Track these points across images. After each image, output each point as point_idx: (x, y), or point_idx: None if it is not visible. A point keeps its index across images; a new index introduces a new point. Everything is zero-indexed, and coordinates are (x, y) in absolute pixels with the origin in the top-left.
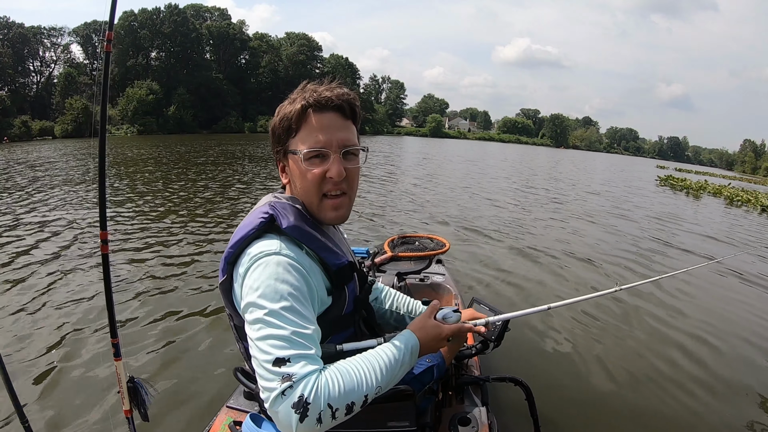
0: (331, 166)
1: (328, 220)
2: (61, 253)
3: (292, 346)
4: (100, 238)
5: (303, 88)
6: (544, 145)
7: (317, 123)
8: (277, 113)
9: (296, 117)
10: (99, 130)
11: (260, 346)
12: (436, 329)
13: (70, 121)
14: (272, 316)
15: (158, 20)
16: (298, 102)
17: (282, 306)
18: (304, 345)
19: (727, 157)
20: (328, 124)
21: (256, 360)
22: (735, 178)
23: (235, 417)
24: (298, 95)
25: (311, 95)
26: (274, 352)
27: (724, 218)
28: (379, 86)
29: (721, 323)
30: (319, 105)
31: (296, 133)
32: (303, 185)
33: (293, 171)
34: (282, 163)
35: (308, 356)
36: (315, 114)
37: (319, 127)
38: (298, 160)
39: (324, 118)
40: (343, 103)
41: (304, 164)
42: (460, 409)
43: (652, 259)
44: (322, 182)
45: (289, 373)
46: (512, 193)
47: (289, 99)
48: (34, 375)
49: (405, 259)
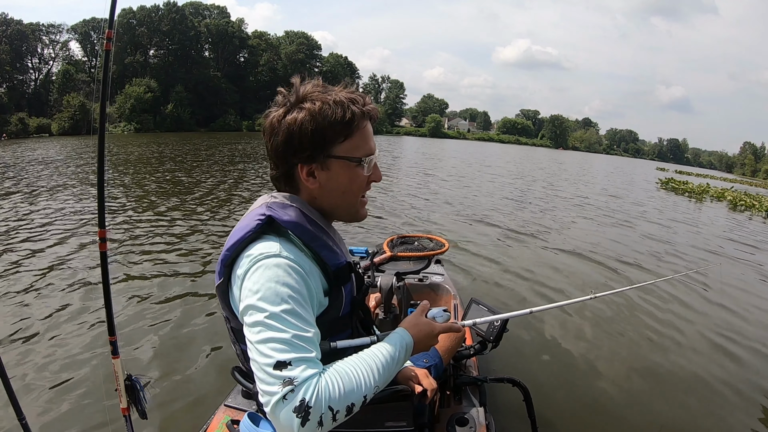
0: (375, 170)
1: (362, 217)
2: (60, 251)
3: (293, 349)
4: (99, 236)
5: (332, 92)
6: (543, 146)
7: (367, 131)
8: (315, 115)
9: (353, 123)
10: (98, 128)
11: (260, 349)
12: (428, 326)
13: (68, 118)
14: (273, 319)
15: (157, 18)
16: (352, 108)
17: (283, 309)
18: (304, 348)
19: (726, 159)
20: (371, 133)
21: (256, 363)
22: (735, 181)
23: (233, 416)
24: (339, 99)
25: (364, 105)
26: (275, 356)
27: (729, 223)
28: (379, 86)
29: (722, 325)
30: (370, 114)
31: (346, 138)
32: (349, 189)
33: (336, 175)
34: (309, 167)
35: (309, 359)
36: (368, 123)
37: (369, 136)
38: (350, 166)
39: (369, 127)
40: (378, 114)
41: (359, 169)
42: (458, 410)
43: (646, 262)
44: (366, 187)
45: (290, 376)
46: (514, 193)
47: (322, 102)
48: (31, 372)
49: (404, 259)
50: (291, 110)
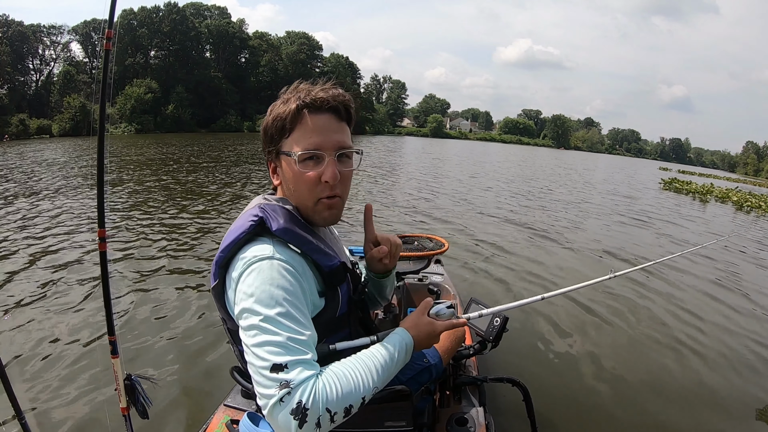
0: (326, 168)
1: (322, 221)
2: (59, 250)
3: (288, 352)
4: (98, 235)
5: (296, 88)
6: (545, 146)
7: (312, 124)
8: (270, 112)
9: (290, 117)
10: (98, 129)
11: (256, 352)
12: (429, 326)
13: (68, 119)
14: (268, 322)
15: (157, 18)
16: (293, 102)
17: (277, 312)
18: (300, 350)
19: (729, 159)
20: (323, 126)
21: (253, 366)
22: (739, 180)
23: (233, 415)
24: (292, 95)
25: (306, 95)
26: (270, 359)
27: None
28: (381, 86)
29: (722, 324)
30: (314, 106)
31: (290, 133)
32: (297, 188)
33: (286, 173)
34: (273, 164)
35: (305, 361)
36: (310, 115)
37: (314, 129)
38: (291, 162)
39: (319, 120)
40: (338, 105)
41: (299, 166)
42: (457, 410)
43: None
44: (317, 185)
45: (286, 379)
46: (515, 193)
47: (282, 98)
48: (31, 372)
49: (404, 259)
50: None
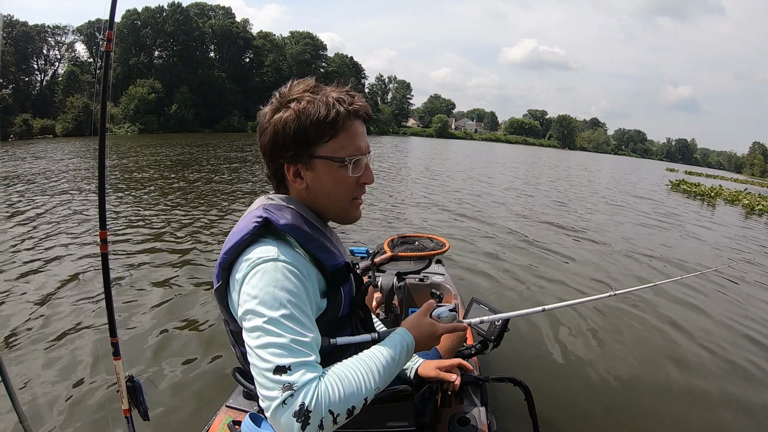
0: (366, 171)
1: (353, 219)
2: (61, 251)
3: (291, 354)
4: (100, 237)
5: (321, 91)
6: (550, 146)
7: (356, 130)
8: (300, 114)
9: (337, 123)
10: (99, 129)
11: (260, 354)
12: (430, 327)
13: (71, 119)
14: (271, 324)
15: (161, 18)
16: (337, 107)
17: (281, 314)
18: (303, 352)
19: (735, 160)
20: (362, 132)
21: (256, 368)
22: (746, 182)
23: (235, 416)
24: (325, 98)
25: (349, 102)
26: (274, 361)
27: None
28: (386, 86)
29: (725, 330)
30: (357, 113)
31: (331, 138)
32: (336, 190)
33: (321, 176)
34: (295, 167)
35: (308, 364)
36: (355, 121)
37: (357, 134)
38: (333, 166)
39: (359, 126)
40: (369, 112)
41: (344, 170)
42: (459, 410)
43: (654, 266)
44: (356, 187)
45: (289, 381)
46: (517, 194)
47: (307, 102)
48: (32, 373)
49: (405, 259)
50: (278, 110)
